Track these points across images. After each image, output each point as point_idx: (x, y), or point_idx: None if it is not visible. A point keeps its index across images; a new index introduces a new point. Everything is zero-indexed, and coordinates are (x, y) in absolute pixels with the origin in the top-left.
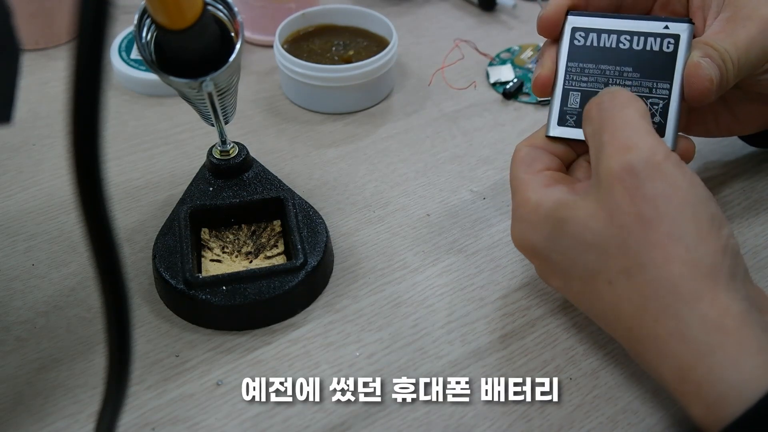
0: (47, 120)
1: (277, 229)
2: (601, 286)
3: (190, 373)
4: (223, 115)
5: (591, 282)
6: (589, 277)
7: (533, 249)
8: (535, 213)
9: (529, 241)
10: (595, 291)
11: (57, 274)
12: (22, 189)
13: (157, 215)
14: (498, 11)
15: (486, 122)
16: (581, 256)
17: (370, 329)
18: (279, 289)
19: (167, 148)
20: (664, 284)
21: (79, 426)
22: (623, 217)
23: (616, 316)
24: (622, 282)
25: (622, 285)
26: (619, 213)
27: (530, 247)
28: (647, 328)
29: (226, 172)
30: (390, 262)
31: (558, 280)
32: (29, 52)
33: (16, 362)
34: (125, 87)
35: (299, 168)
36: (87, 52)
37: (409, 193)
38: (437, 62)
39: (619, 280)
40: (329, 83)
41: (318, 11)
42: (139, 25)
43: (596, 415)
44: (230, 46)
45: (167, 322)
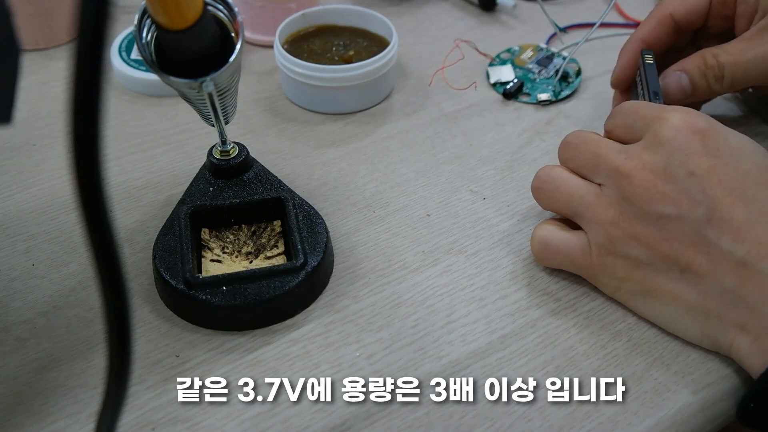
0: (47, 120)
1: (278, 229)
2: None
3: (190, 373)
4: (223, 115)
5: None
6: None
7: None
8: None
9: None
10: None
11: (57, 274)
12: (22, 189)
13: (157, 215)
14: (498, 11)
15: (486, 122)
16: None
17: (370, 329)
18: (279, 289)
19: (167, 148)
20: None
21: (79, 426)
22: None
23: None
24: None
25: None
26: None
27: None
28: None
29: (226, 172)
30: (390, 262)
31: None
32: (29, 52)
33: (16, 362)
34: (125, 87)
35: (299, 168)
36: (87, 52)
37: (409, 193)
38: (437, 62)
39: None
40: (329, 83)
41: (318, 11)
42: (139, 25)
43: (596, 415)
44: (230, 46)
45: (167, 322)
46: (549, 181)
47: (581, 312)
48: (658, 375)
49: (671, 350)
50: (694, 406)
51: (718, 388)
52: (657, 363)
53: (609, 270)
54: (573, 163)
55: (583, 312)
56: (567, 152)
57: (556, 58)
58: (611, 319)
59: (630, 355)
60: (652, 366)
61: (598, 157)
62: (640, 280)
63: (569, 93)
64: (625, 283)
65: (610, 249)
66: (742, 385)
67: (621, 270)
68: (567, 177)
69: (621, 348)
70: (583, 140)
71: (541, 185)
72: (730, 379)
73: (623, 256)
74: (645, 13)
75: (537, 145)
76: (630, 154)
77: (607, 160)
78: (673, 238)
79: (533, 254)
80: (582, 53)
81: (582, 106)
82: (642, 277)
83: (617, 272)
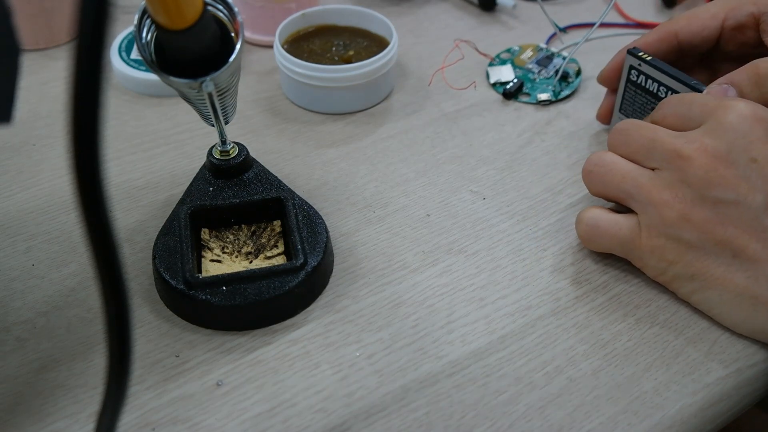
0: (47, 120)
1: (277, 229)
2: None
3: (190, 373)
4: (223, 115)
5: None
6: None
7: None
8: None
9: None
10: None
11: (57, 274)
12: (22, 189)
13: (157, 215)
14: (498, 11)
15: (486, 122)
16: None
17: (370, 329)
18: (279, 289)
19: (167, 148)
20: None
21: (79, 426)
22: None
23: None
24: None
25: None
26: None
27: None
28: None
29: (226, 172)
30: (390, 262)
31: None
32: (29, 52)
33: (16, 362)
34: (125, 87)
35: (299, 168)
36: (87, 52)
37: (409, 194)
38: (437, 62)
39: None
40: (329, 83)
41: (318, 11)
42: (139, 25)
43: (596, 415)
44: (230, 46)
45: (167, 322)
46: (601, 164)
47: (581, 312)
48: (658, 375)
49: (671, 350)
50: (694, 406)
51: (718, 388)
52: (657, 363)
53: (658, 252)
54: (625, 148)
55: (583, 312)
56: (619, 138)
57: (555, 58)
58: (611, 319)
59: (630, 355)
60: (652, 366)
61: (654, 141)
62: (689, 264)
63: (569, 93)
64: (673, 266)
65: (661, 231)
66: (743, 385)
67: (670, 253)
68: (619, 160)
69: (621, 348)
70: (636, 126)
71: (593, 168)
72: (729, 379)
73: (675, 238)
74: (645, 13)
75: (537, 145)
76: (690, 138)
77: (664, 143)
78: (729, 222)
79: (580, 237)
80: (582, 53)
81: (582, 106)
82: (691, 261)
83: (666, 255)
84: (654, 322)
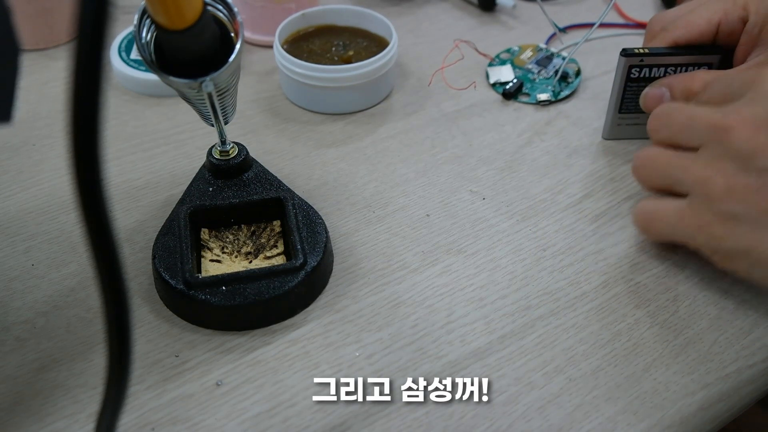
0: (47, 120)
1: (277, 229)
2: None
3: (190, 373)
4: (223, 115)
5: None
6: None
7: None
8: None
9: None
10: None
11: (57, 274)
12: (22, 189)
13: (156, 215)
14: (498, 11)
15: (486, 122)
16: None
17: (369, 329)
18: (279, 289)
19: (167, 148)
20: None
21: (79, 426)
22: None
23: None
24: None
25: None
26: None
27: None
28: None
29: (226, 172)
30: (390, 262)
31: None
32: (29, 52)
33: (15, 362)
34: (125, 87)
35: (299, 168)
36: (87, 52)
37: (408, 194)
38: (437, 62)
39: None
40: (329, 83)
41: (318, 11)
42: (139, 25)
43: (596, 415)
44: (230, 46)
45: (167, 322)
46: (646, 158)
47: (581, 312)
48: (658, 375)
49: (671, 350)
50: (693, 406)
51: (717, 388)
52: (657, 363)
53: (706, 229)
54: (666, 131)
55: (583, 312)
56: (659, 121)
57: (555, 58)
58: (611, 319)
59: (630, 355)
60: (652, 366)
61: (693, 119)
62: (740, 238)
63: (569, 93)
64: (723, 243)
65: (708, 207)
66: (742, 384)
67: (718, 228)
68: (662, 150)
69: (621, 348)
70: (675, 107)
71: (640, 163)
72: (729, 379)
73: (721, 213)
74: (645, 13)
75: (537, 145)
76: (730, 110)
77: (703, 118)
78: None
79: (638, 228)
80: (581, 53)
81: (582, 106)
82: (741, 235)
83: (715, 231)
84: (654, 322)
